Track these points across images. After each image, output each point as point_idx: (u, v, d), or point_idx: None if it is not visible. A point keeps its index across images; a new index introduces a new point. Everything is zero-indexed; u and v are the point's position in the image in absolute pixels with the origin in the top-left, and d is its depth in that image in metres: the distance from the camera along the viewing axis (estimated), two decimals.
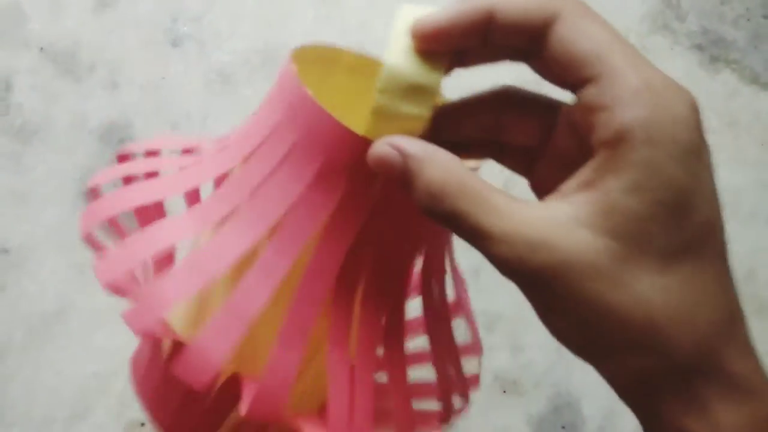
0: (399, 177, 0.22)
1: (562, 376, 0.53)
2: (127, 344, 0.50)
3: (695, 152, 0.20)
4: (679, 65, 0.61)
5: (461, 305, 0.36)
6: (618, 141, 0.20)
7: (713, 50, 0.61)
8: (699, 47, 0.61)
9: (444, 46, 0.22)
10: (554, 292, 0.20)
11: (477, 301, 0.54)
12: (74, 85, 0.56)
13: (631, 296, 0.20)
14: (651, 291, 0.20)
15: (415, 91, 0.22)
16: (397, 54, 0.22)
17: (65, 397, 0.50)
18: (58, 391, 0.50)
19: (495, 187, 0.22)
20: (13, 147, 0.55)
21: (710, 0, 0.62)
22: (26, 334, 0.50)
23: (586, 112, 0.21)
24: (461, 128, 0.25)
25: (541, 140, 0.25)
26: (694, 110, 0.21)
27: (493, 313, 0.54)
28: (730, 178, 0.59)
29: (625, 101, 0.20)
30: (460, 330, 0.34)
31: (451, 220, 0.22)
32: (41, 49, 0.57)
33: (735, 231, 0.58)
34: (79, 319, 0.51)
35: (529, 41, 0.22)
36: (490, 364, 0.54)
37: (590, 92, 0.21)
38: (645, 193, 0.20)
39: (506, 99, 0.25)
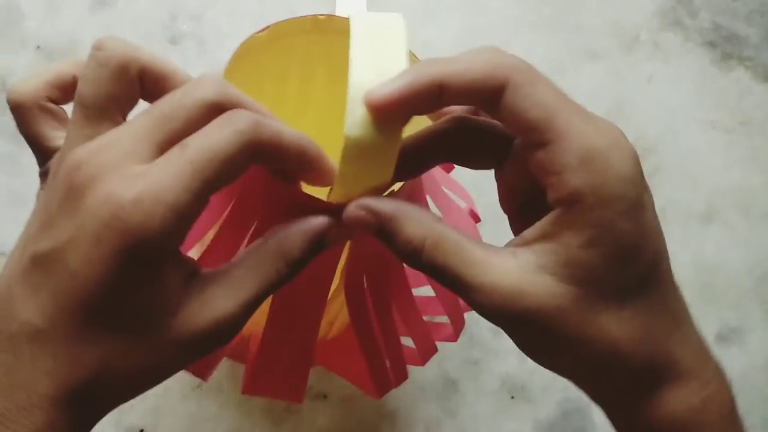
0: (377, 236, 0.25)
1: None
2: None
3: (640, 204, 0.23)
4: (691, 62, 0.60)
5: None
6: (571, 202, 0.23)
7: (726, 47, 0.60)
8: (711, 44, 0.60)
9: (397, 116, 0.23)
10: (529, 332, 0.24)
11: None
12: None
13: (595, 330, 0.24)
14: (610, 324, 0.24)
15: (376, 156, 0.23)
16: (354, 125, 0.23)
17: None
18: None
19: (468, 238, 0.25)
20: (9, 148, 0.54)
21: None
22: None
23: (538, 170, 0.24)
24: (418, 164, 0.27)
25: (496, 165, 0.27)
26: (636, 164, 0.24)
27: None
28: (743, 177, 0.58)
29: (573, 167, 0.23)
30: None
31: (432, 272, 0.25)
32: (38, 47, 0.56)
33: (747, 232, 0.57)
34: None
35: (480, 107, 0.25)
36: (497, 370, 0.53)
37: (541, 156, 0.23)
38: (600, 247, 0.23)
39: (460, 131, 0.27)
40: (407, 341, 0.40)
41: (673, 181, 0.57)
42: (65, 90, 0.31)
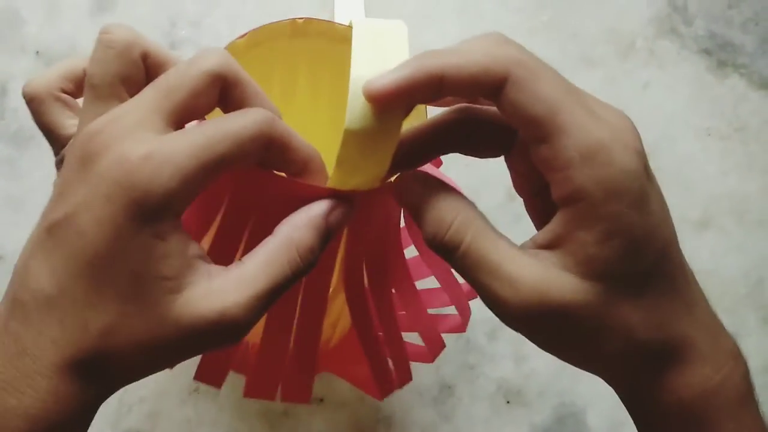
0: (411, 210, 0.25)
1: (566, 385, 0.53)
2: None
3: (644, 196, 0.24)
4: (687, 70, 0.60)
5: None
6: (578, 199, 0.23)
7: (721, 55, 0.60)
8: (706, 51, 0.60)
9: (397, 107, 0.23)
10: (552, 328, 0.25)
11: (481, 309, 0.54)
12: None
13: (616, 321, 0.24)
14: (629, 313, 0.24)
15: (375, 146, 0.24)
16: (354, 116, 0.23)
17: None
18: None
19: (496, 230, 0.25)
20: (8, 152, 0.54)
21: (718, 4, 0.61)
22: None
23: (541, 165, 0.24)
24: (422, 155, 0.27)
25: (504, 153, 0.27)
26: (639, 156, 0.24)
27: (496, 322, 0.54)
28: (739, 184, 0.58)
29: (576, 163, 0.23)
30: None
31: (455, 254, 0.24)
32: (37, 53, 0.56)
33: (743, 238, 0.57)
34: None
35: (482, 98, 0.24)
36: (493, 374, 0.53)
37: (544, 151, 0.23)
38: (612, 241, 0.23)
39: (465, 121, 0.27)
40: (415, 339, 0.40)
41: (668, 187, 0.57)
42: (78, 83, 0.33)
